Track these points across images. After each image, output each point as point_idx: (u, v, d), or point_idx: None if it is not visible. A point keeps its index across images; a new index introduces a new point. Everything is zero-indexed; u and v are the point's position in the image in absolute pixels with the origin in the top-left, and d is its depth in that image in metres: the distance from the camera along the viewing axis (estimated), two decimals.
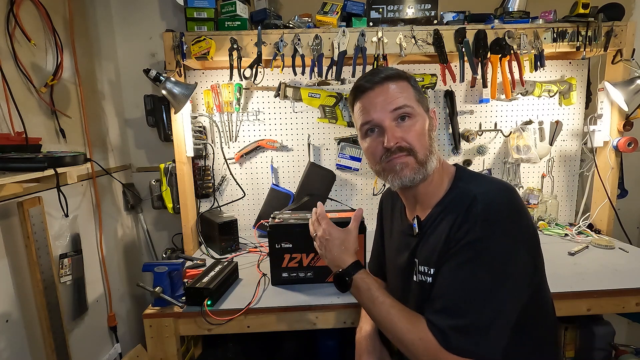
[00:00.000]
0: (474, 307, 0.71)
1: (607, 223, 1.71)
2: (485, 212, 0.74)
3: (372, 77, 0.85)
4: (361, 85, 0.86)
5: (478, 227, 0.73)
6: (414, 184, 0.85)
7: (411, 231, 0.89)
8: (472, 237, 0.73)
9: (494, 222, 0.73)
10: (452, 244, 0.76)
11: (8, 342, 1.11)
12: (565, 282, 1.22)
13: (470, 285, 0.73)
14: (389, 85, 0.84)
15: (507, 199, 0.76)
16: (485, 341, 0.70)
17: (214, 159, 1.83)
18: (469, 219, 0.75)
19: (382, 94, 0.83)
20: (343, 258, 0.91)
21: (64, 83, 1.43)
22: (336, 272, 0.91)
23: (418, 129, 0.83)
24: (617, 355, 1.38)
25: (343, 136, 1.83)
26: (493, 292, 0.72)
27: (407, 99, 0.83)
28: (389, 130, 0.82)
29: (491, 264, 0.72)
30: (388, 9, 1.58)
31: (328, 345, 1.45)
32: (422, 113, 0.85)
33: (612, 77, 1.64)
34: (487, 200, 0.75)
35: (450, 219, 0.78)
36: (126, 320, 1.79)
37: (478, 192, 0.77)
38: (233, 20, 1.55)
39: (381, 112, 0.83)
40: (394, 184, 0.86)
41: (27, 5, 1.26)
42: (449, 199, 0.84)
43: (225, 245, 1.59)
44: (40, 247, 1.19)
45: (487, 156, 1.87)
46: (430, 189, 0.87)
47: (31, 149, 1.15)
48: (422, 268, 0.84)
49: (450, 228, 0.77)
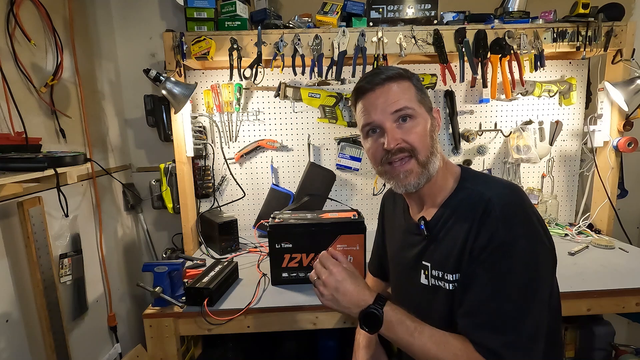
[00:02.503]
0: (521, 318, 0.70)
1: (607, 223, 1.71)
2: (503, 215, 0.73)
3: (373, 78, 0.84)
4: (362, 87, 0.86)
5: (501, 231, 0.72)
6: (418, 188, 0.85)
7: (418, 231, 0.88)
8: (498, 242, 0.72)
9: (515, 225, 0.73)
10: (476, 253, 0.74)
11: (8, 342, 1.11)
12: (565, 282, 1.21)
13: (512, 296, 0.71)
14: (390, 86, 0.83)
15: (520, 200, 0.77)
16: (536, 351, 0.69)
17: (214, 159, 1.83)
18: (488, 223, 0.74)
19: (383, 96, 0.83)
20: (364, 294, 0.79)
21: (64, 83, 1.43)
22: (361, 312, 0.78)
23: (419, 130, 0.82)
24: (617, 355, 1.38)
25: (343, 136, 1.83)
26: (532, 299, 0.71)
27: (408, 100, 0.83)
28: (390, 132, 0.81)
29: (524, 271, 0.71)
30: (388, 9, 1.58)
31: (328, 345, 1.45)
32: (424, 113, 0.85)
33: (612, 77, 1.64)
34: (503, 202, 0.75)
35: (466, 223, 0.77)
36: (126, 320, 1.79)
37: (491, 194, 0.77)
38: (233, 20, 1.55)
39: (382, 114, 0.82)
40: (397, 189, 0.87)
41: (27, 5, 1.26)
42: (458, 200, 0.83)
43: (225, 245, 1.59)
44: (40, 247, 1.19)
45: (487, 156, 1.87)
46: (434, 189, 0.87)
47: (31, 149, 1.15)
48: (435, 272, 0.83)
49: (468, 232, 0.76)
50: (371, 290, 0.80)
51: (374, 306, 0.77)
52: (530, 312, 0.71)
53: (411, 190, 0.85)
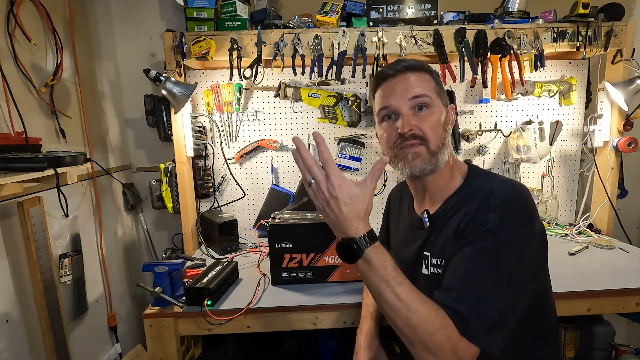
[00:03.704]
0: (493, 297, 0.70)
1: (607, 223, 1.71)
2: (503, 203, 0.75)
3: (395, 65, 0.87)
4: (383, 72, 0.88)
5: (498, 215, 0.73)
6: (423, 174, 0.85)
7: (420, 224, 0.89)
8: (492, 225, 0.73)
9: (512, 214, 0.74)
10: (468, 232, 0.76)
11: (8, 342, 1.11)
12: (565, 282, 1.21)
13: (491, 274, 0.71)
14: (410, 74, 0.85)
15: (523, 196, 0.77)
16: (496, 334, 0.69)
17: (214, 159, 1.83)
18: (486, 208, 0.75)
19: (403, 82, 0.85)
20: (353, 222, 0.71)
21: (64, 83, 1.43)
22: (343, 239, 0.72)
23: (434, 119, 0.84)
24: (617, 355, 1.38)
25: (343, 136, 1.83)
26: (510, 284, 0.71)
27: (427, 89, 0.84)
28: (405, 117, 0.83)
29: (510, 255, 0.72)
30: (388, 9, 1.58)
31: (328, 345, 1.45)
32: (440, 105, 0.86)
33: (612, 77, 1.64)
34: (504, 193, 0.76)
35: (465, 209, 0.79)
36: (126, 320, 1.79)
37: (494, 186, 0.78)
38: (233, 20, 1.55)
39: (400, 99, 0.84)
40: (404, 172, 0.87)
41: (27, 5, 1.26)
42: (463, 194, 0.84)
43: (225, 245, 1.59)
44: (40, 247, 1.19)
45: (487, 156, 1.87)
46: (440, 183, 0.88)
47: (31, 149, 1.15)
48: (434, 260, 0.84)
49: (464, 217, 0.77)
50: (366, 222, 0.72)
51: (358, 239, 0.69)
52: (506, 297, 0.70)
53: (416, 174, 0.85)
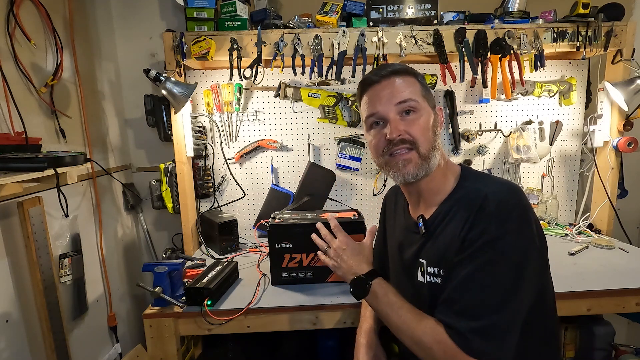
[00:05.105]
0: (494, 309, 0.71)
1: (607, 223, 1.71)
2: (498, 211, 0.74)
3: (379, 71, 0.87)
4: (368, 79, 0.88)
5: (493, 226, 0.73)
6: (416, 180, 0.85)
7: (416, 229, 0.89)
8: (488, 237, 0.73)
9: (508, 222, 0.74)
10: (467, 245, 0.75)
11: (8, 342, 1.11)
12: (565, 282, 1.21)
13: (490, 287, 0.72)
14: (395, 79, 0.85)
15: (517, 199, 0.77)
16: (505, 343, 0.70)
17: (214, 159, 1.83)
18: (482, 219, 0.75)
19: (388, 87, 0.84)
20: (361, 266, 0.92)
21: (64, 83, 1.43)
22: (353, 279, 0.90)
23: (422, 123, 0.83)
24: (617, 355, 1.38)
25: (343, 136, 1.83)
26: (511, 294, 0.71)
27: (413, 93, 0.84)
28: (393, 122, 0.83)
29: (509, 266, 0.72)
30: (388, 9, 1.58)
31: (328, 345, 1.45)
32: (427, 108, 0.86)
33: (612, 77, 1.64)
34: (499, 199, 0.76)
35: (461, 218, 0.78)
36: (126, 320, 1.79)
37: (488, 191, 0.77)
38: (233, 20, 1.55)
39: (386, 104, 0.84)
40: (396, 179, 0.87)
41: (27, 5, 1.26)
42: (456, 198, 0.84)
43: (225, 245, 1.59)
44: (40, 247, 1.19)
45: (487, 156, 1.87)
46: (433, 186, 0.87)
47: (31, 149, 1.15)
48: (431, 269, 0.83)
49: (462, 228, 0.77)
50: (369, 264, 0.93)
51: (364, 276, 0.88)
52: (507, 307, 0.71)
53: (409, 181, 0.85)
